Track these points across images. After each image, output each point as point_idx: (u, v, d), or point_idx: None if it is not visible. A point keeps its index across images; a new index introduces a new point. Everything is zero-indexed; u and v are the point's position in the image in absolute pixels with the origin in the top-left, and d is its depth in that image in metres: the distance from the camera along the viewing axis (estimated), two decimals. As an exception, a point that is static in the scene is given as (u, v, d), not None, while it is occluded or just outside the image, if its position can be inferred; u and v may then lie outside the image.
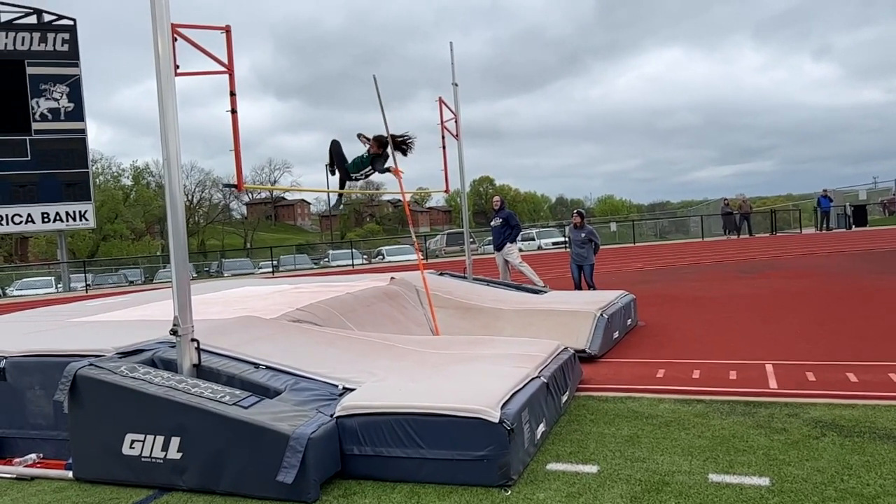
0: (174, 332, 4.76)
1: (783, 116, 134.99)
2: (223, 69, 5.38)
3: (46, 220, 24.65)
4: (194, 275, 33.13)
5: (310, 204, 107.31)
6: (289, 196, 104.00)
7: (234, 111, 5.45)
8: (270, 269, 30.03)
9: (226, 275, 31.40)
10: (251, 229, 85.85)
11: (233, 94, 5.45)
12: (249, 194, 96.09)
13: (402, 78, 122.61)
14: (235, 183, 5.56)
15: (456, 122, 10.52)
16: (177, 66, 4.92)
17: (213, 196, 79.20)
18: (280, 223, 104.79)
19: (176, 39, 4.94)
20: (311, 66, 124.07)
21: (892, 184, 36.34)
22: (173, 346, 4.91)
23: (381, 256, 33.97)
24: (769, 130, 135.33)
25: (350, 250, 33.33)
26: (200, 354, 4.87)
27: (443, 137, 10.47)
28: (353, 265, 27.81)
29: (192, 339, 4.83)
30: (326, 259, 35.14)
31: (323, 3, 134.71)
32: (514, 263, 11.68)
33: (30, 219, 24.43)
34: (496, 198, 12.44)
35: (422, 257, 11.61)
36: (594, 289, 11.29)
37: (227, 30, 5.45)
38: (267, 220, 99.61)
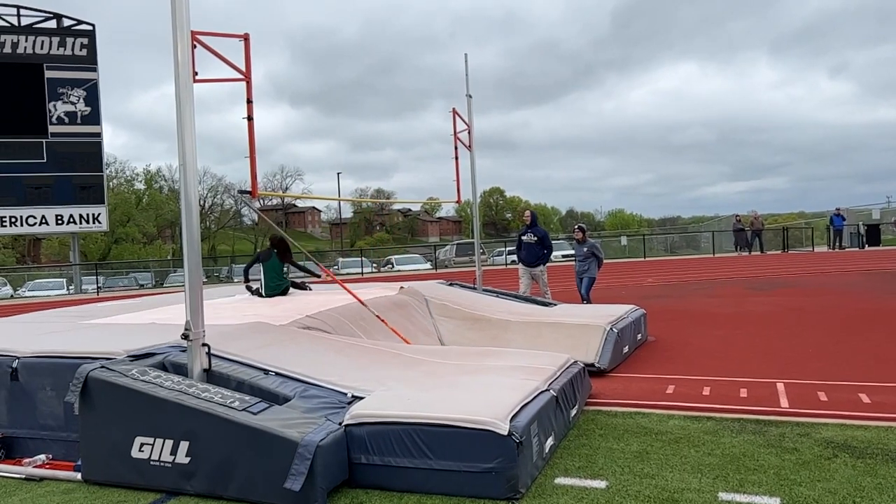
0: (185, 337, 4.78)
1: (797, 133, 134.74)
2: (241, 76, 5.44)
3: (60, 222, 24.89)
4: (205, 279, 33.27)
5: (320, 212, 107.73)
6: (300, 203, 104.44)
7: (250, 118, 5.50)
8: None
9: (236, 280, 31.50)
10: (262, 235, 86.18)
11: (249, 101, 5.52)
12: (261, 200, 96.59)
13: (417, 88, 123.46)
14: (249, 189, 5.60)
15: (469, 133, 10.57)
16: (195, 73, 4.97)
17: (224, 202, 79.76)
18: (291, 230, 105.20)
19: (195, 46, 4.99)
20: (326, 74, 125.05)
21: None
22: (184, 351, 4.93)
23: (390, 265, 34.01)
24: (783, 147, 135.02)
25: (360, 258, 33.40)
26: (211, 359, 4.89)
27: (455, 148, 10.53)
28: (362, 273, 27.86)
29: (203, 344, 4.85)
30: (336, 267, 35.21)
31: (339, 13, 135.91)
32: (542, 286, 11.51)
33: (44, 220, 24.69)
34: (527, 212, 12.05)
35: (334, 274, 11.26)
36: (589, 302, 11.25)
37: (246, 38, 5.51)
38: (278, 227, 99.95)
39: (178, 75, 4.86)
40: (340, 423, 4.31)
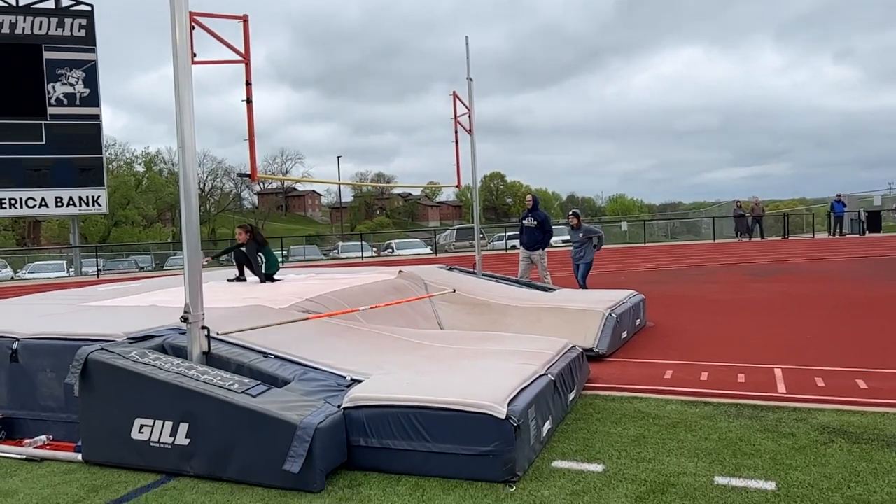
0: (185, 319, 4.79)
1: (801, 119, 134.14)
2: (240, 58, 5.39)
3: (60, 204, 24.81)
4: (204, 262, 33.24)
5: (321, 195, 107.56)
6: (300, 187, 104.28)
7: (249, 101, 5.46)
8: (280, 259, 30.20)
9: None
10: (262, 219, 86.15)
11: (248, 83, 5.47)
12: (261, 184, 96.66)
13: (419, 71, 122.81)
14: (249, 172, 5.58)
15: (469, 117, 10.51)
16: (194, 55, 4.93)
17: (224, 185, 79.64)
18: (291, 214, 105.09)
19: (193, 28, 4.95)
20: (328, 57, 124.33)
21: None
22: (183, 333, 4.94)
23: (390, 249, 34.01)
24: (786, 133, 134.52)
25: (360, 242, 33.36)
26: (210, 342, 4.90)
27: (455, 132, 10.46)
28: (362, 258, 27.86)
29: (203, 327, 4.86)
30: (336, 251, 35.23)
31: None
32: (541, 270, 11.51)
33: (43, 203, 24.59)
34: (529, 196, 12.03)
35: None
36: (584, 288, 11.25)
37: (245, 19, 5.45)
38: (278, 211, 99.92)
39: (177, 57, 4.81)
40: (339, 406, 4.33)
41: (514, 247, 27.66)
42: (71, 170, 24.71)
